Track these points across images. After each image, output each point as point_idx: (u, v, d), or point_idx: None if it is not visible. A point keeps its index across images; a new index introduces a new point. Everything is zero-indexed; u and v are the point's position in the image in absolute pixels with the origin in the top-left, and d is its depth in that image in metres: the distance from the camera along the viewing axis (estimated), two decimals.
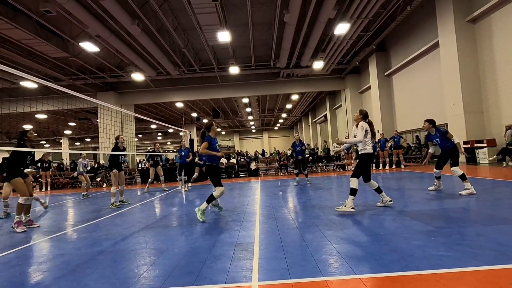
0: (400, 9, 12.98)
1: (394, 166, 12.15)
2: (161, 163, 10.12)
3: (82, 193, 9.08)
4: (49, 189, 12.86)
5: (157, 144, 10.09)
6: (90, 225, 4.45)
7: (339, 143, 4.49)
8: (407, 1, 12.51)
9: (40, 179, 13.31)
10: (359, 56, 17.79)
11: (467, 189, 4.84)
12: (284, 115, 37.50)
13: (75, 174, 10.73)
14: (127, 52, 14.38)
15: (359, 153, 4.28)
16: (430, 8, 13.04)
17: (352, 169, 12.57)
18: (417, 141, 14.45)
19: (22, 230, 4.31)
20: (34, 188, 13.65)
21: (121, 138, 6.76)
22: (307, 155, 12.28)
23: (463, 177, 4.98)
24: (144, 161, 21.75)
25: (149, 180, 9.49)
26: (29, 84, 17.26)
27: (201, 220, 4.05)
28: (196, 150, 14.02)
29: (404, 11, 12.77)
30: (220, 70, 18.64)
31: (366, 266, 2.11)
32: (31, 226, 4.53)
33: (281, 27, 13.34)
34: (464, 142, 11.28)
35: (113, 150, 6.51)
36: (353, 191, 4.03)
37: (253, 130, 46.30)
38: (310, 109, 34.80)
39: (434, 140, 5.62)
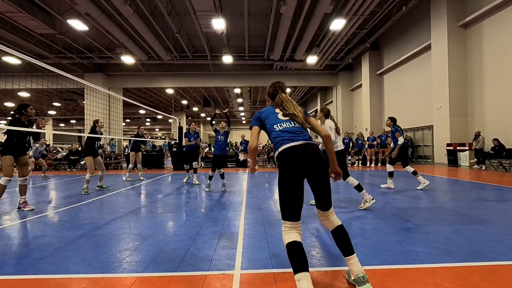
0: (396, 9, 13.06)
1: (379, 164, 12.42)
2: (142, 149, 9.65)
3: (42, 175, 9.78)
4: (31, 169, 12.49)
5: (142, 127, 9.14)
6: (72, 208, 4.37)
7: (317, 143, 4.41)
8: (403, 1, 12.59)
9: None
10: (353, 54, 17.88)
11: (387, 183, 5.84)
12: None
13: (32, 158, 10.70)
14: (118, 33, 13.93)
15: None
16: (424, 11, 13.18)
17: (349, 164, 12.88)
18: (406, 141, 14.73)
19: None
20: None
21: (100, 122, 6.35)
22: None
23: (391, 174, 5.85)
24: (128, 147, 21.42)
25: (130, 166, 8.60)
26: (12, 59, 16.52)
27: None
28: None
29: (399, 11, 12.86)
30: (213, 58, 18.37)
31: None
32: (24, 209, 4.26)
33: (277, 18, 13.20)
34: (448, 144, 11.63)
35: (90, 133, 6.14)
36: (359, 187, 3.99)
37: (244, 122, 46.15)
38: (301, 104, 34.91)
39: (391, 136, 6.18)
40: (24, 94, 25.05)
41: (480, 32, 10.94)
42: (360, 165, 12.69)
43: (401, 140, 5.67)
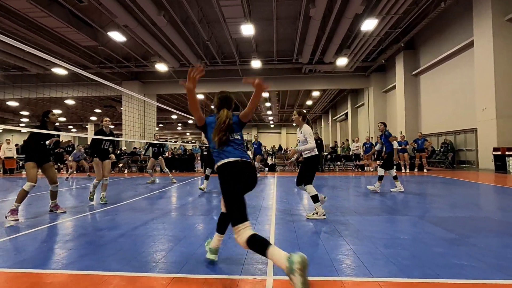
0: (434, 6, 12.35)
1: (416, 170, 11.73)
2: (164, 155, 9.78)
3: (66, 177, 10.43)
4: (74, 172, 13.49)
5: (157, 134, 9.41)
6: (110, 209, 4.63)
7: (292, 154, 4.08)
8: None
9: (66, 162, 14.00)
10: (386, 54, 17.19)
11: (374, 186, 6.02)
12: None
13: (70, 158, 11.77)
14: (153, 42, 14.70)
15: (305, 156, 3.90)
16: (466, 6, 12.32)
17: (372, 169, 12.33)
18: (445, 145, 13.81)
19: (13, 219, 3.81)
20: (61, 171, 14.39)
21: (106, 120, 5.64)
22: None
23: (380, 178, 6.05)
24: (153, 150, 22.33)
25: (149, 171, 8.97)
26: (60, 70, 18.09)
27: None
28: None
29: (437, 8, 12.15)
30: (242, 63, 18.66)
31: (384, 270, 2.06)
32: (57, 211, 4.42)
33: (306, 21, 13.10)
34: (495, 149, 10.70)
35: (95, 134, 5.42)
36: (315, 198, 3.72)
37: (271, 125, 46.16)
38: (331, 107, 34.17)
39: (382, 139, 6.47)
40: (70, 102, 27.22)
41: None
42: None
43: (395, 144, 6.18)
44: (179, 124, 45.02)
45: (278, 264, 1.68)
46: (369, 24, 12.21)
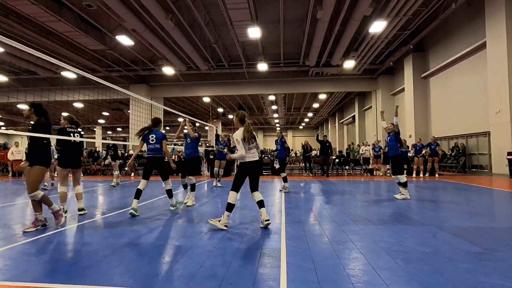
0: (444, 7, 12.10)
1: (427, 174, 11.42)
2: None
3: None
4: (82, 175, 13.57)
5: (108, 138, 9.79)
6: (117, 214, 4.54)
7: (228, 158, 3.96)
8: None
9: None
10: (394, 56, 16.93)
11: (403, 194, 5.68)
12: (310, 114, 36.83)
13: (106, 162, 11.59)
14: (160, 46, 14.74)
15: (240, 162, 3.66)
16: (477, 6, 12.04)
17: (381, 174, 12.06)
18: (456, 149, 13.46)
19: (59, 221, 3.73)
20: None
21: (63, 120, 4.80)
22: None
23: (404, 184, 5.70)
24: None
25: (115, 173, 9.41)
26: (69, 74, 18.28)
27: None
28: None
29: (448, 9, 11.90)
30: (249, 66, 18.60)
31: None
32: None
33: (313, 24, 12.97)
34: (509, 153, 10.35)
35: (59, 133, 4.55)
36: (229, 207, 3.50)
37: (278, 128, 45.98)
38: (338, 109, 33.87)
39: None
40: (78, 105, 27.54)
41: None
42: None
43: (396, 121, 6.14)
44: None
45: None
46: (377, 26, 12.02)
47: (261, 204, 3.64)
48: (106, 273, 2.20)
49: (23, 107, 27.11)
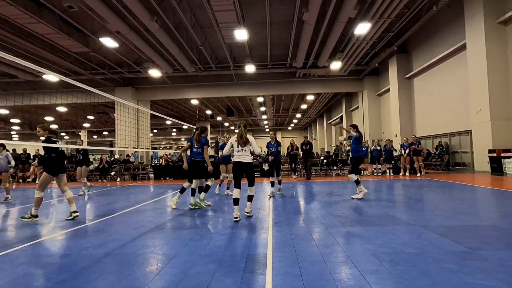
0: (425, 9, 12.41)
1: (412, 172, 11.63)
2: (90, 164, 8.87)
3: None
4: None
5: (80, 141, 8.76)
6: (99, 223, 4.39)
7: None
8: (433, 1, 11.95)
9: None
10: (379, 58, 17.24)
11: (360, 191, 5.88)
12: (298, 116, 37.08)
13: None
14: (145, 48, 14.50)
15: None
16: (458, 9, 12.41)
17: (368, 174, 12.19)
18: (440, 147, 13.80)
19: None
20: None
21: (41, 132, 4.74)
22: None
23: (357, 182, 5.94)
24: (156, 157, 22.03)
25: (83, 180, 8.16)
26: (51, 77, 17.75)
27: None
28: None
29: (429, 11, 12.21)
30: (236, 68, 18.54)
31: None
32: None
33: (299, 26, 13.05)
34: (490, 151, 10.68)
35: (47, 142, 4.63)
36: (234, 201, 4.26)
37: (267, 130, 46.06)
38: (326, 110, 34.23)
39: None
40: (61, 109, 26.77)
41: None
42: (391, 174, 11.97)
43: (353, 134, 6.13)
44: (174, 130, 44.65)
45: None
46: (362, 28, 12.20)
47: (249, 198, 4.43)
48: (83, 287, 2.09)
49: (3, 112, 26.15)
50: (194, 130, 5.67)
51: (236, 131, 4.81)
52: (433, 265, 2.30)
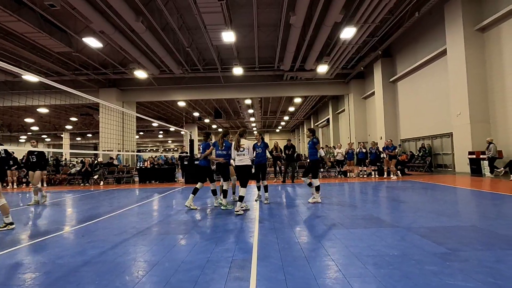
0: (408, 15, 12.78)
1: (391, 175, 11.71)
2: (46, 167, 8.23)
3: None
4: (45, 185, 12.68)
5: (33, 141, 7.44)
6: (79, 229, 4.23)
7: None
8: (416, 7, 12.32)
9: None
10: (364, 61, 17.60)
11: (315, 198, 5.83)
12: (286, 118, 37.31)
13: None
14: (131, 49, 14.23)
15: None
16: (438, 16, 12.83)
17: (354, 176, 12.34)
18: (423, 149, 14.18)
19: None
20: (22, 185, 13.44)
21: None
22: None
23: (317, 188, 5.84)
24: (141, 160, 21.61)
25: (36, 187, 7.06)
26: (32, 78, 17.16)
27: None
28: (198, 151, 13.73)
29: (412, 17, 12.57)
30: (224, 70, 18.48)
31: None
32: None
33: (286, 29, 13.15)
34: (470, 153, 11.05)
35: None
36: (240, 198, 4.96)
37: (255, 132, 46.04)
38: (313, 113, 34.60)
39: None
40: (42, 110, 25.90)
41: (498, 35, 10.50)
42: (377, 176, 12.17)
43: (321, 152, 6.01)
44: (161, 132, 43.99)
45: None
46: (348, 32, 12.42)
47: (240, 198, 4.96)
48: None
49: None
50: (204, 135, 6.15)
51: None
52: (415, 267, 2.33)
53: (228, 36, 12.35)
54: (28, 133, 39.08)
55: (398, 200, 5.81)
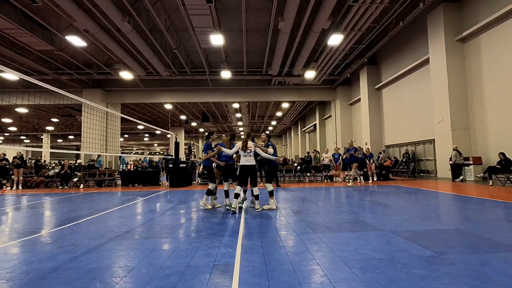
0: (393, 24, 13.13)
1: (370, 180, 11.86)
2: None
3: None
4: (20, 187, 12.07)
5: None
6: (52, 233, 3.98)
7: None
8: (400, 17, 12.67)
9: (12, 176, 12.52)
10: (351, 68, 17.91)
11: (270, 204, 5.62)
12: (274, 123, 37.44)
13: None
14: (116, 49, 13.91)
15: None
16: (422, 26, 13.25)
17: (340, 180, 12.40)
18: (407, 155, 14.51)
19: None
20: (4, 187, 12.81)
21: None
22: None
23: (271, 193, 5.66)
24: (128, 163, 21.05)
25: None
26: (10, 76, 16.46)
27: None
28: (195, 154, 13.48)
29: (396, 26, 12.92)
30: (212, 73, 18.37)
31: None
32: None
33: (275, 34, 13.23)
34: (451, 159, 11.33)
35: None
36: (235, 195, 5.09)
37: (242, 136, 45.97)
38: (300, 118, 34.89)
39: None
40: (21, 110, 24.89)
41: (478, 46, 10.92)
42: (362, 180, 12.27)
43: (272, 157, 5.86)
44: (146, 134, 43.15)
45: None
46: (335, 39, 12.61)
47: (256, 197, 5.34)
48: None
49: None
50: (206, 135, 6.16)
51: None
52: (402, 271, 2.28)
53: (217, 39, 12.28)
54: (6, 134, 37.41)
55: (382, 204, 5.82)
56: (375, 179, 11.91)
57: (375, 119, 17.75)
